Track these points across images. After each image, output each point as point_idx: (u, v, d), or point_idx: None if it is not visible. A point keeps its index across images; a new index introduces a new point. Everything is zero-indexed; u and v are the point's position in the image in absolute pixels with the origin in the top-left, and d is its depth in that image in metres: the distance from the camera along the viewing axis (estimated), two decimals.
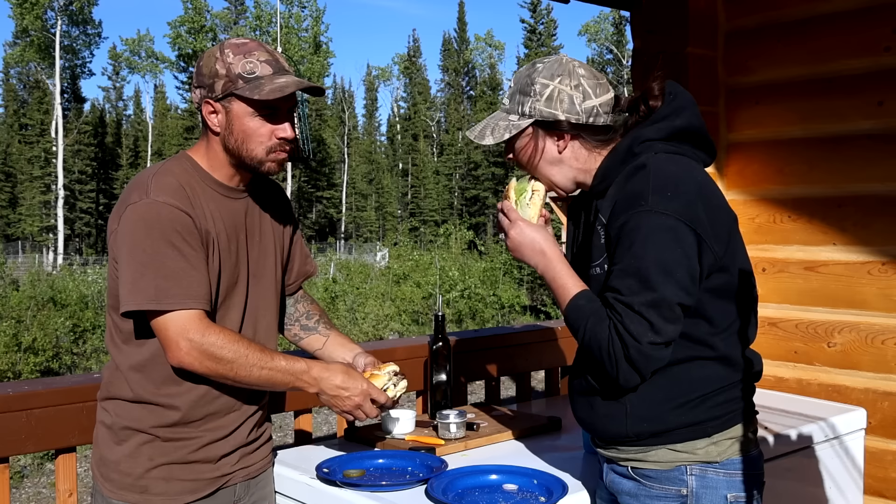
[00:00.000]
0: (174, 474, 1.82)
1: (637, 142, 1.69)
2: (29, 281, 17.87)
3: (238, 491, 1.93)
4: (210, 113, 1.80)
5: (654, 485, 1.67)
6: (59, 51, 42.45)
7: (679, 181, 1.61)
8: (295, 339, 2.14)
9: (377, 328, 17.94)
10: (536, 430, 2.36)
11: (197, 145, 1.88)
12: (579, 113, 1.70)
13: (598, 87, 1.72)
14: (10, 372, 12.12)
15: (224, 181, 1.85)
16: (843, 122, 2.81)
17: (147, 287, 1.69)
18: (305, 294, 2.17)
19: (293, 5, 43.60)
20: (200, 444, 1.84)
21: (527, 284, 27.97)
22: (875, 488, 2.74)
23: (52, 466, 7.73)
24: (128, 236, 1.72)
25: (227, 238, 1.84)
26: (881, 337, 2.74)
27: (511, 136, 1.75)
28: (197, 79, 1.82)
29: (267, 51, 1.80)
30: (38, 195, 43.89)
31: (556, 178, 1.78)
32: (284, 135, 1.81)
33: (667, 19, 3.08)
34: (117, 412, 1.83)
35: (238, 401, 1.87)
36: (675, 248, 1.56)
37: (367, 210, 56.49)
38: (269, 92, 1.74)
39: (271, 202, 2.00)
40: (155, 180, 1.76)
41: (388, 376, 1.95)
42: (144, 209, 1.72)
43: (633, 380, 1.59)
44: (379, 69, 66.97)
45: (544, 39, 47.02)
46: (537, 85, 1.71)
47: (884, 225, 2.74)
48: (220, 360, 1.72)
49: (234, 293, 1.86)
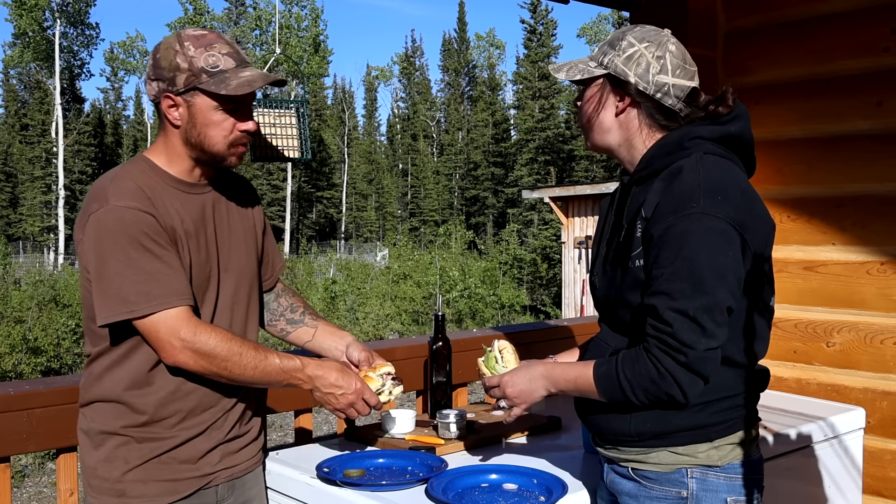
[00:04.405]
0: (151, 475, 1.79)
1: (688, 137, 1.67)
2: (31, 281, 17.86)
3: (221, 492, 1.90)
4: (170, 107, 1.76)
5: (655, 486, 1.67)
6: (58, 52, 42.44)
7: (728, 185, 1.60)
8: (282, 335, 2.11)
9: (377, 328, 17.94)
10: (536, 430, 2.36)
11: (155, 144, 1.85)
12: (649, 82, 1.68)
13: (680, 69, 1.69)
14: (13, 372, 12.13)
15: (184, 177, 1.83)
16: (843, 123, 2.82)
17: (128, 294, 1.68)
18: (286, 287, 2.14)
19: (293, 5, 43.60)
20: (176, 442, 1.81)
21: (527, 284, 27.96)
22: (874, 487, 2.75)
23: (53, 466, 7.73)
24: (95, 246, 1.70)
25: (194, 233, 1.81)
26: (880, 336, 2.75)
27: (581, 78, 1.74)
28: (154, 71, 1.77)
29: (227, 42, 1.78)
30: (38, 195, 43.91)
31: (598, 134, 1.76)
32: (247, 128, 1.80)
33: (666, 20, 3.06)
34: (92, 416, 1.83)
35: (213, 397, 1.84)
36: (727, 251, 1.55)
37: (367, 210, 56.47)
38: (236, 87, 1.72)
39: (239, 196, 1.97)
40: (112, 186, 1.73)
41: (382, 379, 1.95)
42: (106, 216, 1.70)
43: (698, 386, 1.55)
44: (379, 69, 66.97)
45: (544, 40, 46.92)
46: (624, 42, 1.71)
47: (883, 225, 2.74)
48: (214, 359, 1.71)
49: (207, 288, 1.84)
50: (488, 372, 1.87)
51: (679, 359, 1.52)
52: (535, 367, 1.77)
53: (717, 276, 1.53)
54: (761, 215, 1.66)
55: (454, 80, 59.27)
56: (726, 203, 1.57)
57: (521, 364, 1.83)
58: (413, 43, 66.69)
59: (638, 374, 1.57)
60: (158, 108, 1.80)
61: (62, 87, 43.78)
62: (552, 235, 29.56)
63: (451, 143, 54.96)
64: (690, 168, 1.62)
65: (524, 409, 1.80)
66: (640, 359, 1.56)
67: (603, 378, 1.63)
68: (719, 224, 1.55)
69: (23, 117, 48.12)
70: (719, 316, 1.53)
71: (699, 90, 1.74)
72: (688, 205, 1.56)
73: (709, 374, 1.56)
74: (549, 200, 18.27)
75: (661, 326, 1.53)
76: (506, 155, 50.24)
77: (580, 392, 1.70)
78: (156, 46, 1.81)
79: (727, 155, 1.69)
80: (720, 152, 1.68)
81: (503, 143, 51.31)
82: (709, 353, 1.53)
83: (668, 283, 1.54)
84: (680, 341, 1.51)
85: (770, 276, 1.73)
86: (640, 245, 1.63)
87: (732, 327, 1.62)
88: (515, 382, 1.78)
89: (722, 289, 1.53)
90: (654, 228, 1.59)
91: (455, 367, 2.52)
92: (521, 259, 28.66)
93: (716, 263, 1.53)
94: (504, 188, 48.45)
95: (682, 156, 1.65)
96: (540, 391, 1.75)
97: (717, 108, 1.71)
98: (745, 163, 1.75)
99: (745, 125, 1.73)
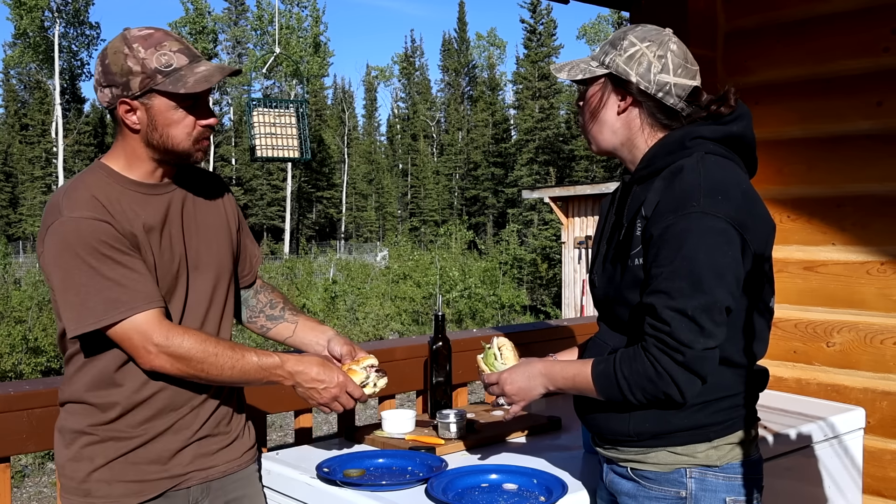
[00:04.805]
0: (116, 475, 1.76)
1: (689, 136, 1.67)
2: (31, 281, 17.85)
3: (194, 493, 1.84)
4: (127, 112, 1.73)
5: (654, 486, 1.67)
6: (58, 52, 42.43)
7: (729, 185, 1.60)
8: (262, 331, 2.08)
9: (377, 328, 17.94)
10: (536, 430, 2.36)
11: (112, 149, 1.81)
12: (650, 81, 1.68)
13: (682, 68, 1.69)
14: (13, 372, 12.13)
15: (144, 179, 1.79)
16: (842, 123, 2.82)
17: (95, 304, 1.66)
18: (265, 283, 2.12)
19: (293, 5, 43.60)
20: (140, 441, 1.77)
21: (527, 284, 27.97)
22: (874, 487, 2.75)
23: (52, 466, 7.73)
24: (56, 259, 1.68)
25: (158, 234, 1.78)
26: (880, 336, 2.75)
27: (583, 78, 1.75)
28: (105, 78, 1.73)
29: (175, 39, 1.75)
30: (38, 195, 43.93)
31: (600, 134, 1.76)
32: (209, 123, 1.78)
33: (666, 20, 3.06)
34: (65, 416, 1.81)
35: (181, 395, 1.80)
36: (727, 251, 1.55)
37: (367, 210, 56.49)
38: (194, 84, 1.70)
39: (207, 191, 1.93)
40: (66, 197, 1.71)
41: (366, 371, 1.93)
42: (62, 228, 1.68)
43: (695, 385, 1.55)
44: (379, 69, 66.98)
45: (544, 39, 46.96)
46: (626, 41, 1.71)
47: (882, 225, 2.74)
48: (190, 361, 1.70)
49: (175, 287, 1.81)
50: (487, 369, 1.86)
51: (677, 358, 1.51)
52: (534, 365, 1.77)
53: (716, 276, 1.53)
54: (762, 216, 1.66)
55: (454, 80, 59.28)
56: (727, 203, 1.56)
57: (521, 361, 1.84)
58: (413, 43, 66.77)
59: (635, 373, 1.56)
60: (114, 114, 1.76)
61: (62, 87, 43.80)
62: (552, 235, 29.58)
63: (451, 143, 54.97)
64: (691, 167, 1.61)
65: (522, 406, 1.80)
66: (638, 357, 1.56)
67: (601, 376, 1.63)
68: (719, 224, 1.54)
69: (23, 117, 48.15)
70: (718, 316, 1.53)
71: (701, 89, 1.74)
72: (688, 204, 1.56)
73: (706, 373, 1.55)
74: (548, 200, 18.27)
75: (660, 325, 1.53)
76: (506, 155, 50.26)
77: (578, 390, 1.70)
78: (102, 51, 1.77)
79: (728, 155, 1.69)
80: (721, 152, 1.67)
81: (503, 143, 51.33)
82: (706, 353, 1.53)
83: (667, 281, 1.54)
84: (678, 340, 1.51)
85: (770, 277, 1.73)
86: (639, 244, 1.63)
87: (732, 327, 1.61)
88: (514, 380, 1.78)
89: (721, 288, 1.53)
90: (654, 227, 1.59)
91: (455, 367, 2.52)
92: (521, 259, 28.66)
93: (715, 263, 1.53)
94: (504, 188, 48.47)
95: (684, 155, 1.65)
96: (538, 389, 1.75)
97: (720, 108, 1.71)
98: (747, 163, 1.75)
99: (748, 125, 1.73)
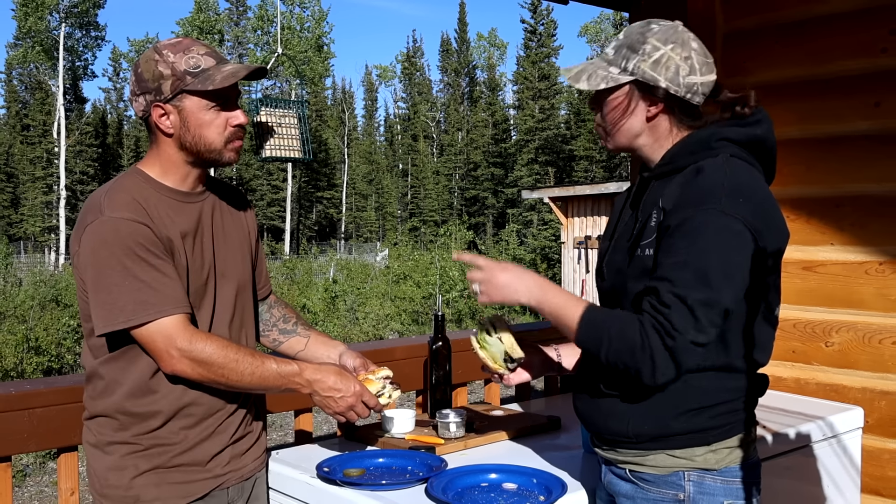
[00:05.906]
0: (163, 479, 1.81)
1: (715, 137, 1.66)
2: (32, 281, 17.88)
3: (231, 494, 1.92)
4: (161, 116, 1.78)
5: (652, 488, 1.67)
6: (62, 52, 42.44)
7: (752, 190, 1.60)
8: (274, 345, 2.13)
9: (377, 328, 17.93)
10: (536, 430, 2.37)
11: (147, 156, 1.86)
12: (680, 85, 1.65)
13: (705, 65, 1.67)
14: (14, 371, 12.14)
15: (178, 186, 1.84)
16: (841, 123, 2.83)
17: (125, 303, 1.69)
18: (278, 299, 2.18)
19: (295, 6, 43.61)
20: (184, 447, 1.83)
21: None
22: (872, 487, 2.75)
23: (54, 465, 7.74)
24: (91, 257, 1.72)
25: (191, 240, 1.83)
26: (878, 336, 2.75)
27: (608, 87, 1.68)
28: (139, 86, 1.79)
29: (202, 44, 1.81)
30: (40, 196, 43.91)
31: (625, 138, 1.73)
32: (239, 122, 1.82)
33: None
34: (99, 430, 1.83)
35: (218, 400, 1.86)
36: (739, 252, 1.55)
37: (367, 210, 56.48)
38: (221, 80, 1.75)
39: (233, 203, 2.00)
40: (108, 198, 1.75)
41: (382, 382, 1.97)
42: (102, 228, 1.71)
43: (670, 373, 1.52)
44: (380, 68, 66.97)
45: (544, 40, 46.95)
46: (648, 45, 1.65)
47: (881, 225, 2.75)
48: (211, 366, 1.73)
49: (204, 294, 1.86)
50: (480, 350, 1.83)
51: (667, 342, 1.50)
52: (532, 273, 1.71)
53: (724, 275, 1.52)
54: (778, 225, 1.65)
55: (454, 81, 59.26)
56: (747, 206, 1.56)
57: None
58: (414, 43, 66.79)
59: (622, 338, 1.54)
60: (148, 121, 1.81)
61: (64, 88, 43.79)
62: (552, 236, 29.59)
63: (451, 143, 54.96)
64: (717, 166, 1.61)
65: (487, 299, 1.71)
66: (632, 326, 1.54)
67: (589, 323, 1.60)
68: (736, 225, 1.54)
69: (24, 118, 48.14)
70: (716, 315, 1.53)
71: (721, 84, 1.73)
72: (710, 200, 1.55)
73: (686, 367, 1.53)
74: (548, 201, 18.28)
75: (659, 307, 1.52)
76: (506, 155, 50.25)
77: (556, 321, 1.65)
78: (135, 63, 1.83)
79: (751, 161, 1.68)
80: (744, 155, 1.67)
81: (503, 144, 51.32)
82: (694, 347, 1.51)
83: (676, 271, 1.53)
84: (672, 324, 1.50)
85: (777, 285, 1.73)
86: (652, 234, 1.62)
87: (734, 332, 1.62)
88: (505, 268, 1.72)
89: (727, 289, 1.53)
90: (672, 219, 1.58)
91: (455, 367, 2.53)
92: (520, 259, 28.65)
93: (726, 262, 1.53)
94: (504, 188, 48.46)
95: (709, 155, 1.64)
96: (521, 293, 1.69)
97: (743, 110, 1.70)
98: (767, 169, 1.74)
99: (769, 129, 1.72)
